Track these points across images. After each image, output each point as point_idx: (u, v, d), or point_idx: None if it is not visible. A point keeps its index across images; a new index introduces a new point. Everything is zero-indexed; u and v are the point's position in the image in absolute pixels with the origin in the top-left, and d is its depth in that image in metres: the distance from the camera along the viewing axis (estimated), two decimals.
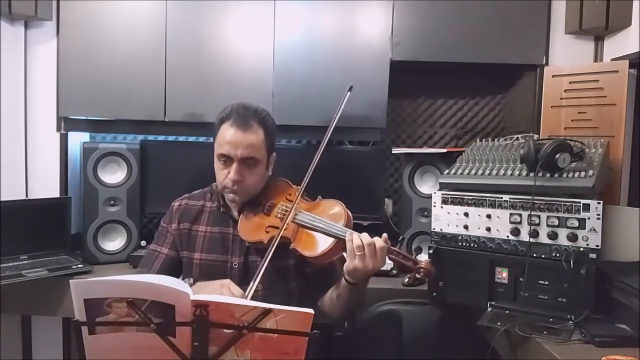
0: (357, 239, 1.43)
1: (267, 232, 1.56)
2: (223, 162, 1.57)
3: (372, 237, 1.45)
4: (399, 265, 1.48)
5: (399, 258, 1.47)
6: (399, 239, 1.54)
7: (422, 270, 1.45)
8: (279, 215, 1.59)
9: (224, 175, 1.56)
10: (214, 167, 1.61)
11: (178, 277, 1.57)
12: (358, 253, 1.41)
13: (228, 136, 1.54)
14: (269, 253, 1.48)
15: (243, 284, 1.58)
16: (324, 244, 1.50)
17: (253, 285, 1.45)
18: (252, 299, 1.41)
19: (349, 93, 1.64)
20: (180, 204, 1.70)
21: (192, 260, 1.63)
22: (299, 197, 1.57)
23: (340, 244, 1.48)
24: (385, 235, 1.46)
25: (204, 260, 1.62)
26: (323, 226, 1.51)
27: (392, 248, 1.47)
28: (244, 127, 1.54)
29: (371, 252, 1.41)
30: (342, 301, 1.55)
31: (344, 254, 1.48)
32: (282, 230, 1.52)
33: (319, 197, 1.64)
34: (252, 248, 1.60)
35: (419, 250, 1.53)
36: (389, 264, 1.47)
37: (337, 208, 1.57)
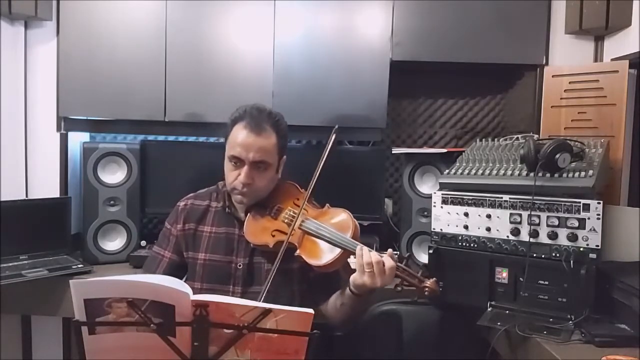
0: (367, 256, 1.43)
1: (273, 235, 1.55)
2: (234, 163, 1.56)
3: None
4: (405, 283, 1.48)
5: (405, 275, 1.47)
6: (406, 256, 1.55)
7: (427, 289, 1.46)
8: (286, 220, 1.58)
9: (234, 177, 1.55)
10: (224, 167, 1.60)
11: (182, 280, 1.57)
12: (367, 270, 1.42)
13: (240, 138, 1.53)
14: (278, 261, 1.48)
15: (247, 285, 1.59)
16: (330, 253, 1.50)
17: (263, 292, 1.46)
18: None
19: (334, 135, 1.62)
20: (185, 203, 1.69)
21: (197, 260, 1.62)
22: (305, 203, 1.56)
23: (345, 254, 1.48)
24: (390, 250, 1.47)
25: (208, 260, 1.61)
26: (330, 236, 1.51)
27: (399, 265, 1.47)
28: (257, 130, 1.53)
29: (380, 270, 1.42)
30: (346, 309, 1.56)
31: (350, 262, 1.48)
32: (290, 236, 1.52)
33: (327, 204, 1.64)
34: (258, 250, 1.59)
35: (424, 268, 1.53)
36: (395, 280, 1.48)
37: (344, 217, 1.57)
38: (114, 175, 2.29)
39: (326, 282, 1.61)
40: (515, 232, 1.66)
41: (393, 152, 2.34)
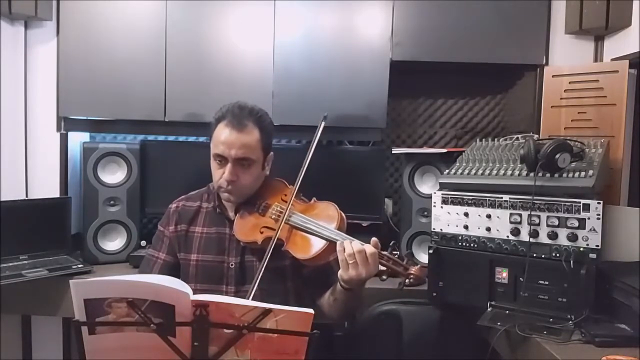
0: (348, 248, 1.42)
1: (262, 232, 1.56)
2: (218, 162, 1.58)
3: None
4: (390, 271, 1.47)
5: (389, 263, 1.46)
6: (390, 244, 1.53)
7: (412, 276, 1.45)
8: (273, 216, 1.59)
9: (219, 175, 1.57)
10: (211, 167, 1.62)
11: None
12: (350, 262, 1.41)
13: (223, 136, 1.55)
14: (266, 257, 1.48)
15: (240, 284, 1.59)
16: (316, 246, 1.50)
17: (252, 289, 1.46)
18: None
19: (323, 123, 1.63)
20: (177, 205, 1.70)
21: (189, 261, 1.63)
22: (292, 199, 1.57)
23: (332, 246, 1.48)
24: (374, 239, 1.46)
25: (200, 261, 1.62)
26: (316, 229, 1.51)
27: (383, 253, 1.46)
28: (238, 127, 1.55)
29: (362, 259, 1.41)
30: (339, 304, 1.56)
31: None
32: (278, 232, 1.52)
33: (314, 198, 1.64)
34: (249, 248, 1.60)
35: (410, 255, 1.52)
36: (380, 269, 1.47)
37: (330, 210, 1.57)
38: (114, 175, 2.29)
39: (320, 277, 1.61)
40: (515, 232, 1.66)
41: (393, 152, 2.34)
